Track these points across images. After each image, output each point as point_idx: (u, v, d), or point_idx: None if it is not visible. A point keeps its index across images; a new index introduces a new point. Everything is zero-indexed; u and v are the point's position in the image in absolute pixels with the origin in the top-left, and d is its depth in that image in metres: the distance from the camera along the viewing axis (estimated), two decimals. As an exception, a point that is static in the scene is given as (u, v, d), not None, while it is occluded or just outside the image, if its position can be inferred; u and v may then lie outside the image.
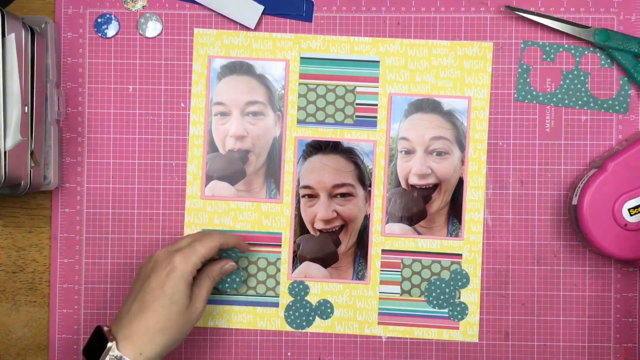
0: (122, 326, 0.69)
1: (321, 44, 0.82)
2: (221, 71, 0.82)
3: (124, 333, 0.69)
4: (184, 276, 0.71)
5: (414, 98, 0.82)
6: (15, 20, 0.73)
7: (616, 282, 0.82)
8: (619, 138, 0.81)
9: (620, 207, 0.76)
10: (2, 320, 0.83)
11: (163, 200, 0.83)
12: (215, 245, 0.74)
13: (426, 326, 0.82)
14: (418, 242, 0.82)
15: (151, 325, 0.69)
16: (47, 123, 0.79)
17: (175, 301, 0.70)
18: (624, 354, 0.82)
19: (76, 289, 0.83)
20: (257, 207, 0.82)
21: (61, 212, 0.83)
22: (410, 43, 0.82)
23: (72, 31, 0.83)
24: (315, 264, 0.82)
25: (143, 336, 0.68)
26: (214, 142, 0.82)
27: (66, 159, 0.83)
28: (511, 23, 0.82)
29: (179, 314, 0.70)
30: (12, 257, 0.83)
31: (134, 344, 0.68)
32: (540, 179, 0.82)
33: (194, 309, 0.72)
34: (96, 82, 0.83)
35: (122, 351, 0.68)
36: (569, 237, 0.82)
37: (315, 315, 0.82)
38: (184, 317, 0.71)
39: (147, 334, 0.69)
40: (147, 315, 0.69)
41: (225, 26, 0.83)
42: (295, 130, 0.82)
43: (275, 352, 0.82)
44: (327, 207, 0.82)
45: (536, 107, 0.82)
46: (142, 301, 0.70)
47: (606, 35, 0.80)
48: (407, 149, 0.82)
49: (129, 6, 0.82)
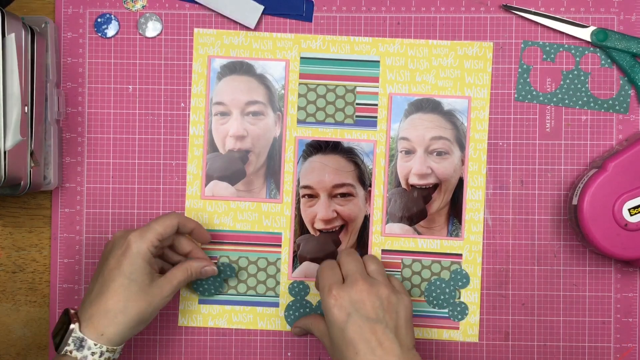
0: (85, 308, 0.70)
1: (321, 44, 0.82)
2: (221, 71, 0.82)
3: (86, 315, 0.69)
4: (140, 253, 0.70)
5: (414, 98, 0.82)
6: (15, 20, 0.73)
7: (616, 282, 0.82)
8: (619, 138, 0.81)
9: (620, 207, 0.76)
10: (2, 320, 0.83)
11: (163, 200, 0.83)
12: (171, 223, 0.73)
13: (426, 326, 0.82)
14: (418, 242, 0.82)
15: (111, 306, 0.69)
16: (47, 123, 0.79)
17: (134, 279, 0.70)
18: (624, 354, 0.82)
19: (76, 289, 0.83)
20: (257, 207, 0.82)
21: (61, 212, 0.83)
22: (410, 43, 0.82)
23: (72, 31, 0.83)
24: (315, 264, 0.82)
25: (104, 318, 0.68)
26: (214, 142, 0.82)
27: (66, 159, 0.83)
28: (511, 23, 0.82)
29: (139, 292, 0.70)
30: (12, 257, 0.83)
31: (95, 325, 0.68)
32: (540, 179, 0.82)
33: (158, 291, 0.71)
34: (96, 82, 0.83)
35: (84, 332, 0.68)
36: (569, 237, 0.82)
37: None
38: (146, 297, 0.70)
39: (108, 315, 0.68)
40: (106, 296, 0.69)
41: (225, 26, 0.83)
42: (295, 130, 0.82)
43: (275, 352, 0.82)
44: (327, 207, 0.82)
45: (536, 107, 0.82)
46: (102, 282, 0.70)
47: (605, 35, 0.80)
48: (407, 149, 0.82)
49: (129, 6, 0.82)
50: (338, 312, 0.68)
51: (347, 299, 0.69)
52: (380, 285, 0.70)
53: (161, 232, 0.72)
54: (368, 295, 0.69)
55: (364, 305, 0.69)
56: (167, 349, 0.82)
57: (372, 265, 0.73)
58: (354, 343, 0.67)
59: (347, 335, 0.68)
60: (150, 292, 0.71)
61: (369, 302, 0.69)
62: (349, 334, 0.68)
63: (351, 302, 0.69)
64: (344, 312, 0.68)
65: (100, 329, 0.68)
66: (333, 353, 0.70)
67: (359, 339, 0.67)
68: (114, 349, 0.69)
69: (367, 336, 0.67)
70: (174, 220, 0.74)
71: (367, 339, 0.67)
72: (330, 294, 0.69)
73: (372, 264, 0.73)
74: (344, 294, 0.69)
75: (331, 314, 0.69)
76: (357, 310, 0.68)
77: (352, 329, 0.68)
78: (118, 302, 0.69)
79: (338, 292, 0.69)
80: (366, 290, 0.69)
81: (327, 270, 0.72)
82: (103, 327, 0.68)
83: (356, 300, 0.69)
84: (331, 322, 0.69)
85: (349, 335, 0.68)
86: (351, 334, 0.68)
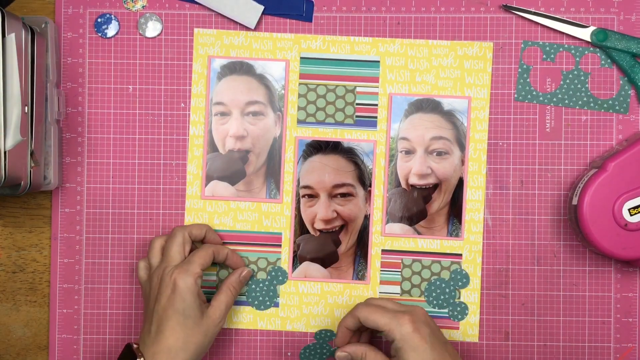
0: (147, 345, 0.72)
1: (321, 44, 0.82)
2: (221, 71, 0.82)
3: (149, 352, 0.71)
4: (189, 289, 0.72)
5: (414, 98, 0.82)
6: (15, 20, 0.73)
7: (616, 282, 0.82)
8: (619, 138, 0.81)
9: (620, 207, 0.76)
10: (2, 320, 0.83)
11: (163, 200, 0.83)
12: (209, 255, 0.76)
13: (426, 326, 0.82)
14: (418, 242, 0.82)
15: (172, 344, 0.71)
16: (47, 123, 0.79)
17: (188, 315, 0.72)
18: (624, 354, 0.82)
19: (76, 289, 0.83)
20: (257, 207, 0.82)
21: (61, 212, 0.83)
22: (410, 43, 0.82)
23: (72, 31, 0.83)
24: (315, 264, 0.82)
25: (166, 355, 0.71)
26: (214, 142, 0.82)
27: (66, 159, 0.83)
28: (511, 23, 0.82)
29: (194, 327, 0.72)
30: (12, 257, 0.83)
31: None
32: (540, 179, 0.82)
33: (211, 321, 0.74)
34: (96, 82, 0.83)
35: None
36: (569, 237, 0.82)
37: None
38: (201, 329, 0.73)
39: (170, 353, 0.71)
40: (165, 335, 0.72)
41: (225, 26, 0.83)
42: (295, 130, 0.82)
43: (275, 352, 0.82)
44: (327, 207, 0.82)
45: (536, 107, 0.82)
46: (158, 321, 0.72)
47: (605, 35, 0.80)
48: (407, 149, 0.82)
49: (129, 6, 0.83)
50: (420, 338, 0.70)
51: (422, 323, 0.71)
52: None
53: (202, 263, 0.75)
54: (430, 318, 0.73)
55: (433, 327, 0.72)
56: (167, 349, 0.82)
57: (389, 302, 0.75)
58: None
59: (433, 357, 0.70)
60: (204, 324, 0.73)
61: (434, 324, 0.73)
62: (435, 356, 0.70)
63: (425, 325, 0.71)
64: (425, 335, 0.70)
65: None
66: None
67: None
68: None
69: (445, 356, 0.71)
70: (209, 251, 0.76)
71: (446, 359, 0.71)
72: (404, 318, 0.71)
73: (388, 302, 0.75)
74: (417, 319, 0.71)
75: (413, 338, 0.70)
76: (433, 332, 0.71)
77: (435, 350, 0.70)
78: (178, 340, 0.71)
79: (412, 317, 0.71)
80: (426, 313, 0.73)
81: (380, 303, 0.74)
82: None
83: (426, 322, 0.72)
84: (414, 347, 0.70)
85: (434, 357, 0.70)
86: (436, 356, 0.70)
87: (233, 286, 0.77)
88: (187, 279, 0.73)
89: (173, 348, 0.71)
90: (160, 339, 0.72)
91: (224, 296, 0.76)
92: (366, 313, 0.72)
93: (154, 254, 0.77)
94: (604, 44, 0.80)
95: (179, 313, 0.72)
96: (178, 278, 0.73)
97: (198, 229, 0.79)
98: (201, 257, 0.75)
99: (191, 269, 0.73)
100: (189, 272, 0.73)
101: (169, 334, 0.72)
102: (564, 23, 0.81)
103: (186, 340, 0.72)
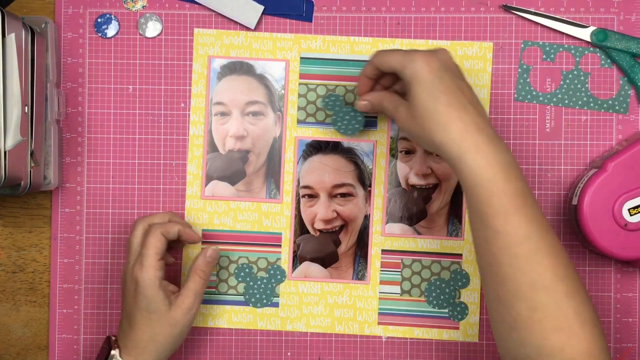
0: (121, 337, 0.75)
1: (321, 44, 0.82)
2: (221, 71, 0.82)
3: (122, 344, 0.74)
4: (150, 283, 0.73)
5: (414, 98, 0.82)
6: (15, 20, 0.73)
7: (616, 282, 0.82)
8: (619, 138, 0.81)
9: (620, 207, 0.76)
10: (2, 320, 0.83)
11: (163, 200, 0.83)
12: (159, 240, 0.74)
13: (426, 326, 0.82)
14: (418, 242, 0.82)
15: (140, 337, 0.73)
16: (47, 123, 0.79)
17: (153, 310, 0.73)
18: (624, 354, 0.82)
19: (76, 289, 0.83)
20: (257, 207, 0.82)
21: (61, 212, 0.83)
22: (410, 43, 0.82)
23: (72, 31, 0.83)
24: (315, 264, 0.82)
25: (136, 348, 0.73)
26: (214, 142, 0.82)
27: (66, 159, 0.83)
28: (511, 23, 0.82)
29: (160, 320, 0.73)
30: (12, 257, 0.83)
31: (130, 353, 0.73)
32: (540, 179, 0.82)
33: (179, 310, 0.73)
34: (96, 82, 0.83)
35: (124, 358, 0.73)
36: (569, 237, 0.82)
37: None
38: (169, 321, 0.73)
39: (139, 345, 0.73)
40: (134, 330, 0.73)
41: (225, 26, 0.83)
42: (295, 130, 0.82)
43: (275, 352, 0.82)
44: (327, 207, 0.82)
45: (536, 107, 0.82)
46: (127, 317, 0.74)
47: (604, 35, 0.80)
48: (407, 149, 0.82)
49: (129, 6, 0.83)
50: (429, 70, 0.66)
51: (435, 58, 0.67)
52: None
53: (156, 251, 0.74)
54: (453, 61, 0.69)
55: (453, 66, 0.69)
56: (167, 349, 0.82)
57: None
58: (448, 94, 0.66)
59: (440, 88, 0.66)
60: (171, 315, 0.73)
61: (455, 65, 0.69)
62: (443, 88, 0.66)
63: (439, 61, 0.67)
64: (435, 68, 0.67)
65: (136, 356, 0.73)
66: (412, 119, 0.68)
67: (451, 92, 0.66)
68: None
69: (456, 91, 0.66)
70: (157, 235, 0.74)
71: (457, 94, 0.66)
72: (415, 54, 0.67)
73: None
74: (432, 54, 0.68)
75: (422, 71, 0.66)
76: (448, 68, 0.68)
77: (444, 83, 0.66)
78: (145, 334, 0.73)
79: (426, 53, 0.68)
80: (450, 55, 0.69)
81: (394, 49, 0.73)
82: (138, 355, 0.73)
83: (443, 60, 0.68)
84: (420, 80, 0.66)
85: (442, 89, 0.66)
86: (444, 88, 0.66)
87: (201, 269, 0.76)
88: (144, 274, 0.72)
89: (142, 341, 0.73)
90: (130, 334, 0.73)
91: (192, 283, 0.75)
92: (381, 55, 0.71)
93: None
94: (604, 44, 0.80)
95: (143, 309, 0.73)
96: (137, 274, 0.73)
97: (160, 217, 0.77)
98: (152, 245, 0.73)
99: (146, 262, 0.73)
100: (145, 266, 0.73)
101: (137, 329, 0.73)
102: (563, 23, 0.81)
103: (153, 333, 0.73)
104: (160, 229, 0.74)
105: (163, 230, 0.74)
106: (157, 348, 0.73)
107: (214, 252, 0.77)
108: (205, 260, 0.76)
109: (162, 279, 0.74)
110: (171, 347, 0.74)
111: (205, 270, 0.76)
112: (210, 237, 0.82)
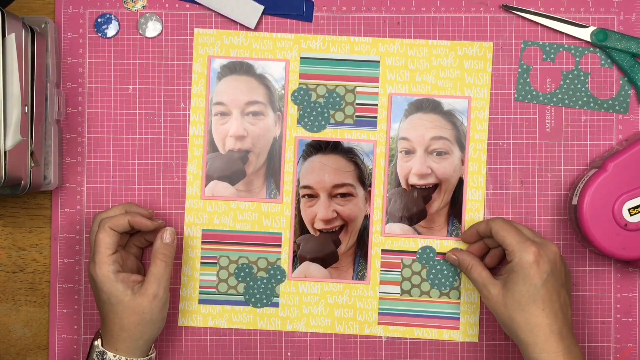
0: (101, 329, 0.77)
1: (321, 44, 0.82)
2: (221, 71, 0.82)
3: (102, 334, 0.76)
4: (104, 279, 0.74)
5: (414, 98, 0.82)
6: (15, 20, 0.73)
7: (616, 282, 0.82)
8: (619, 138, 0.81)
9: (620, 207, 0.76)
10: (2, 320, 0.83)
11: (163, 200, 0.83)
12: (108, 234, 0.74)
13: (426, 326, 0.82)
14: (418, 242, 0.82)
15: (111, 327, 0.75)
16: (47, 123, 0.79)
17: (115, 303, 0.74)
18: (624, 354, 0.82)
19: (76, 289, 0.83)
20: (257, 207, 0.82)
21: (61, 212, 0.83)
22: (410, 43, 0.82)
23: (72, 31, 0.83)
24: (315, 264, 0.82)
25: (111, 337, 0.75)
26: (214, 142, 0.82)
27: (66, 159, 0.83)
28: (511, 23, 0.82)
29: (126, 309, 0.74)
30: (12, 257, 0.83)
31: (108, 342, 0.75)
32: (540, 179, 0.82)
33: (145, 297, 0.74)
34: (96, 82, 0.83)
35: (104, 347, 0.75)
36: (569, 237, 0.82)
37: None
38: (136, 308, 0.74)
39: (113, 335, 0.75)
40: (105, 322, 0.75)
41: (225, 26, 0.83)
42: (295, 130, 0.82)
43: (275, 352, 0.82)
44: (327, 207, 0.82)
45: (536, 107, 0.82)
46: (100, 313, 0.76)
47: (604, 35, 0.80)
48: (407, 149, 0.82)
49: (129, 6, 0.83)
50: (537, 271, 0.71)
51: (546, 259, 0.72)
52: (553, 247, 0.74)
53: (107, 246, 0.74)
54: (560, 260, 0.73)
55: (558, 269, 0.73)
56: (167, 349, 0.82)
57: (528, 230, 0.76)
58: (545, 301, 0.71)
59: (540, 293, 0.71)
60: (137, 303, 0.74)
61: (560, 267, 0.73)
62: (542, 293, 0.71)
63: (549, 262, 0.72)
64: (543, 271, 0.71)
65: (113, 345, 0.75)
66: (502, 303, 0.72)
67: (549, 300, 0.71)
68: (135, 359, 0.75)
69: (554, 298, 0.71)
70: (106, 229, 0.74)
71: (553, 301, 0.71)
72: (531, 248, 0.72)
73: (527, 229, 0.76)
74: (543, 253, 0.72)
75: (530, 268, 0.71)
76: (553, 273, 0.72)
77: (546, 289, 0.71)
78: (114, 324, 0.74)
79: (539, 250, 0.72)
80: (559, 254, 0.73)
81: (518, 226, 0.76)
82: (114, 343, 0.75)
83: (553, 261, 0.72)
84: (526, 277, 0.71)
85: (542, 294, 0.71)
86: (544, 294, 0.71)
87: (161, 252, 0.75)
88: (97, 271, 0.74)
89: (114, 330, 0.74)
90: (103, 325, 0.76)
91: (154, 268, 0.75)
92: (500, 226, 0.74)
93: None
94: (604, 44, 0.80)
95: (105, 302, 0.74)
96: (91, 271, 0.74)
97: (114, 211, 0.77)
98: (102, 240, 0.74)
99: (98, 258, 0.74)
100: (97, 262, 0.74)
101: (107, 320, 0.75)
102: (563, 23, 0.81)
103: (122, 323, 0.74)
104: (108, 222, 0.75)
105: (111, 224, 0.75)
106: (130, 336, 0.74)
107: (171, 234, 0.76)
108: (163, 244, 0.76)
109: (117, 271, 0.74)
110: (148, 333, 0.75)
111: (166, 253, 0.76)
112: (210, 237, 0.82)
